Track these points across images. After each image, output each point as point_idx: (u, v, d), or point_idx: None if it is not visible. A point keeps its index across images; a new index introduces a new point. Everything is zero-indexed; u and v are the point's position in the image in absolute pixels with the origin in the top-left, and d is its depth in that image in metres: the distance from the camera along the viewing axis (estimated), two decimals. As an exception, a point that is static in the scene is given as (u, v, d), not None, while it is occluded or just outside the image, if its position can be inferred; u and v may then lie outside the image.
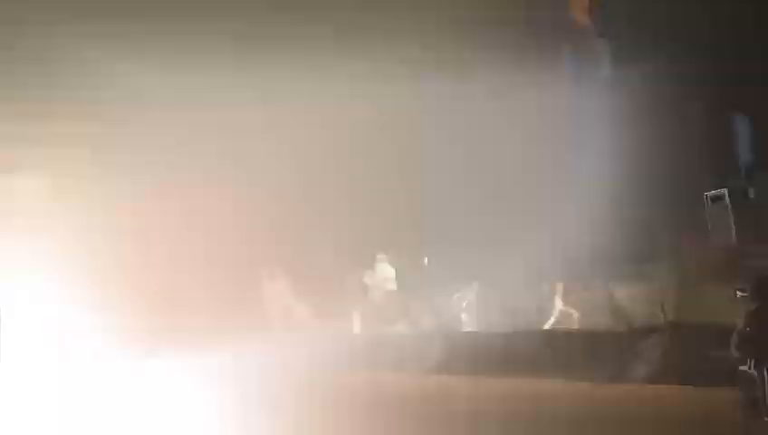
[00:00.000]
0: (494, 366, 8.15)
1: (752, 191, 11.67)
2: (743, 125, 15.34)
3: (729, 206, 11.48)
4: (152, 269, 10.62)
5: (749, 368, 5.01)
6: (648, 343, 7.06)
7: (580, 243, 15.89)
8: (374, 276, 11.80)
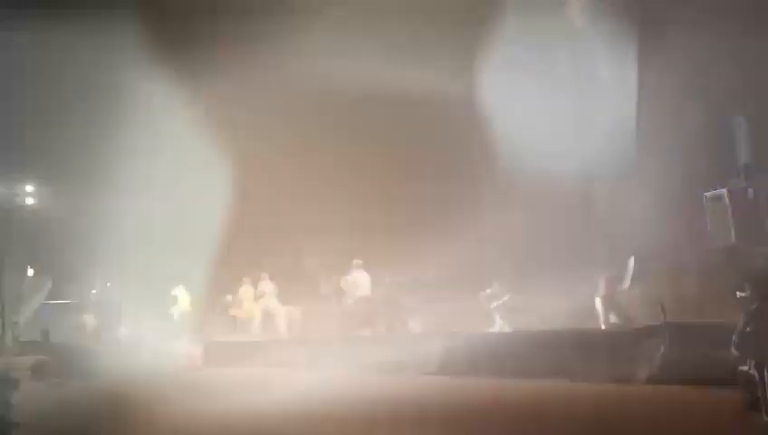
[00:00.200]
0: (493, 367, 8.15)
1: (751, 191, 11.67)
2: (742, 125, 15.36)
3: (728, 206, 11.50)
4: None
5: (749, 368, 5.01)
6: (648, 343, 7.05)
7: (581, 243, 15.95)
8: (349, 282, 12.07)
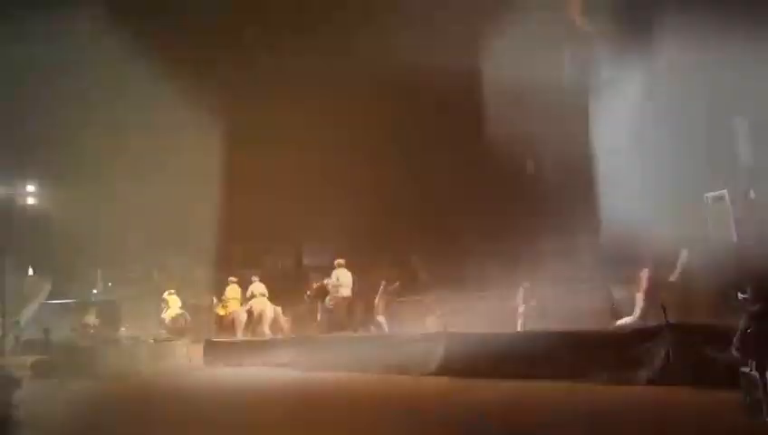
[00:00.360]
0: (494, 368, 8.14)
1: (752, 192, 11.67)
2: (743, 125, 15.35)
3: (730, 206, 11.49)
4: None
5: (750, 369, 5.01)
6: (650, 344, 7.04)
7: (582, 244, 15.94)
8: (332, 281, 12.18)
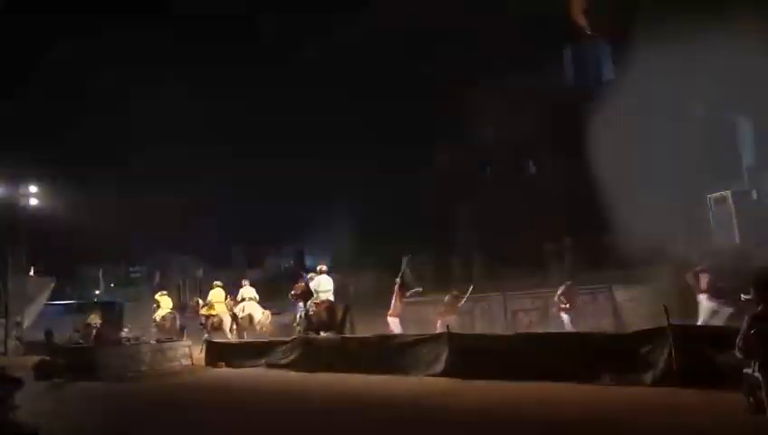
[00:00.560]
0: (495, 368, 8.13)
1: (755, 193, 11.66)
2: (746, 127, 15.34)
3: (732, 208, 11.49)
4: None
5: (753, 370, 5.00)
6: (652, 345, 7.02)
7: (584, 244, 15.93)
8: (314, 286, 12.43)
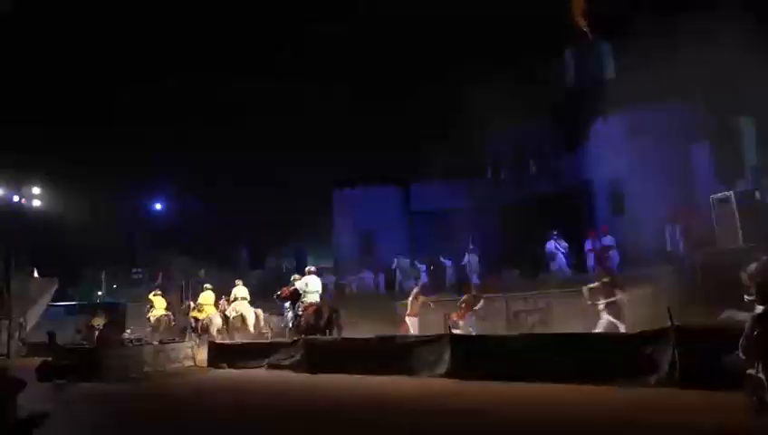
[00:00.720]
0: (498, 369, 8.13)
1: (758, 194, 11.62)
2: (749, 128, 15.31)
3: (735, 208, 11.45)
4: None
5: (756, 371, 4.98)
6: (655, 346, 7.01)
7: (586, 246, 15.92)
8: (302, 287, 12.77)
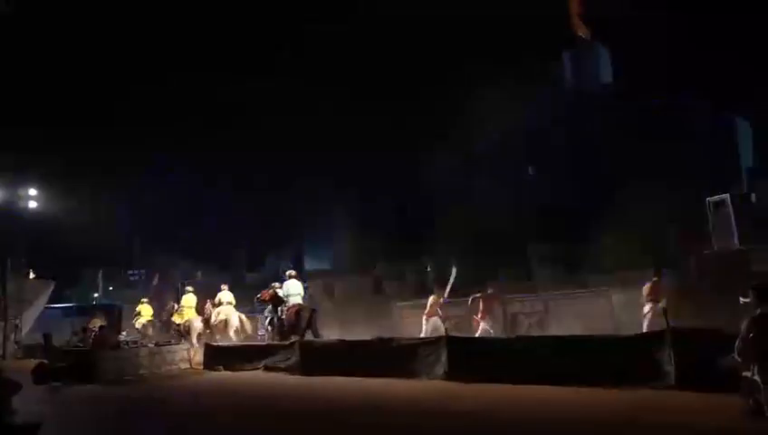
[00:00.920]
0: (496, 371, 8.13)
1: (754, 196, 11.66)
2: (745, 130, 15.38)
3: (731, 211, 11.48)
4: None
5: (752, 374, 4.99)
6: (651, 348, 7.02)
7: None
8: (284, 290, 13.23)
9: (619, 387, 6.89)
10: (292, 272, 13.86)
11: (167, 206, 29.55)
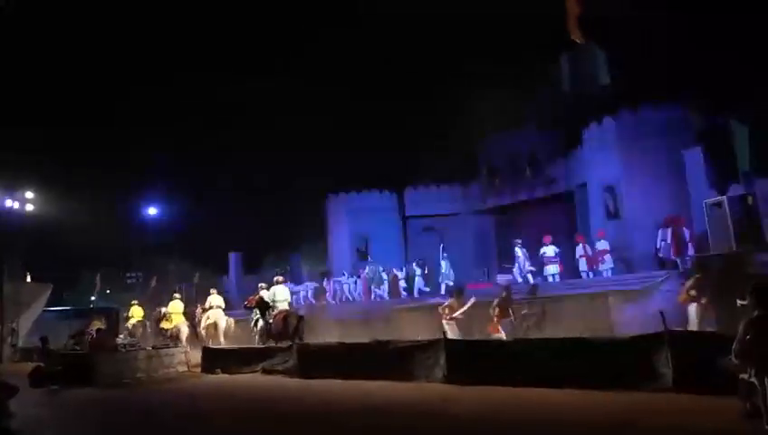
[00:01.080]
0: (495, 374, 8.13)
1: (750, 198, 11.66)
2: (742, 133, 15.42)
3: (728, 213, 11.50)
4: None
5: (749, 376, 5.00)
6: (648, 351, 7.03)
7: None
8: (270, 296, 13.41)
9: (616, 389, 6.90)
10: (280, 278, 14.05)
11: (167, 206, 29.55)
